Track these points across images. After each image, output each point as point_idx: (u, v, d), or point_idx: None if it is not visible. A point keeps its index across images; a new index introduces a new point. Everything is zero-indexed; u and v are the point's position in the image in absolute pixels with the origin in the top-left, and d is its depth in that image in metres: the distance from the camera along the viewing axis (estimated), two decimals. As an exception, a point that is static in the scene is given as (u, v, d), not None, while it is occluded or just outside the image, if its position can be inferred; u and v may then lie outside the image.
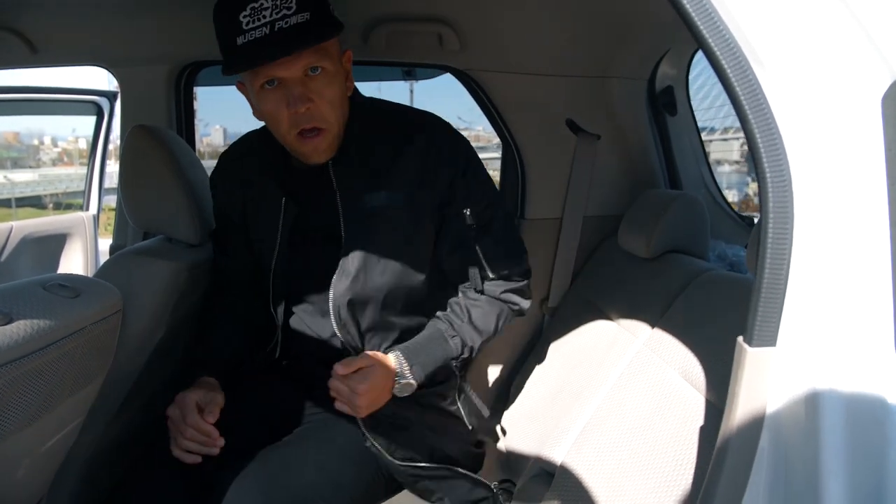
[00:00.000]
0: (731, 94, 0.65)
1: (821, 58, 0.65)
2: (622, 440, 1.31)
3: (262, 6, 1.23)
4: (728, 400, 0.71)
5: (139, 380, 1.59)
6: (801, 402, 0.67)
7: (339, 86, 1.36)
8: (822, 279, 0.66)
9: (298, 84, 1.29)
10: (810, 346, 0.67)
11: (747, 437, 0.68)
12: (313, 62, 1.29)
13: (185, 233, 1.62)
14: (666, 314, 1.47)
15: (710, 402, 1.16)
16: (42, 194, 21.45)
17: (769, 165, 0.64)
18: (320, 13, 1.27)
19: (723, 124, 15.35)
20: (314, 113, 1.32)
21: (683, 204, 1.69)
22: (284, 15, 1.22)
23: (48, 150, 36.85)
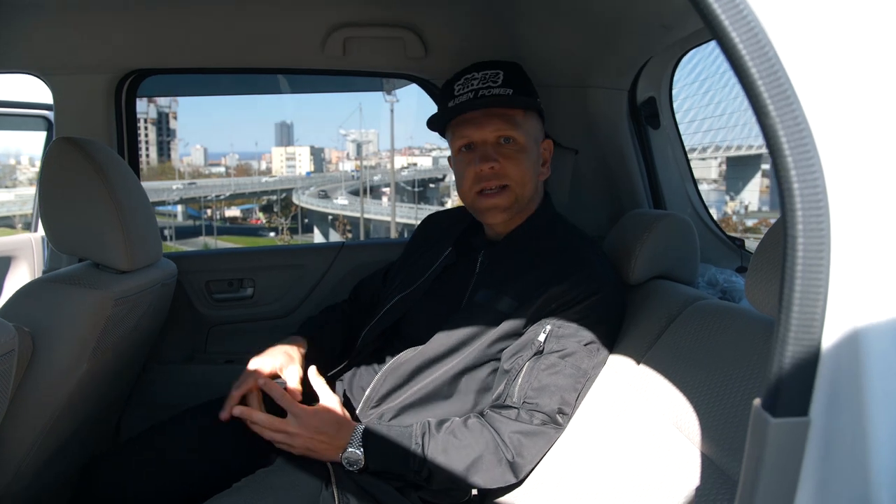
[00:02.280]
0: (742, 74, 0.48)
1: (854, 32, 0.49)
2: (604, 493, 1.14)
3: (473, 77, 1.47)
4: (744, 474, 0.53)
5: (57, 422, 1.41)
6: (841, 485, 0.50)
7: (530, 161, 1.47)
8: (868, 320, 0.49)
9: (489, 147, 1.45)
10: (851, 413, 0.50)
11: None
12: (504, 131, 1.45)
13: (113, 259, 1.46)
14: (652, 349, 1.31)
15: (707, 457, 0.99)
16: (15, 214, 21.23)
17: (796, 164, 0.47)
18: (523, 93, 1.46)
19: (701, 142, 15.86)
20: (499, 172, 1.45)
21: (670, 225, 1.53)
22: (490, 86, 1.44)
23: (25, 169, 36.97)
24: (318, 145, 66.64)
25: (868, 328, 0.50)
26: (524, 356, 1.37)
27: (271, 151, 64.93)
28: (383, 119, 75.71)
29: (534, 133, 1.50)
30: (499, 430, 1.34)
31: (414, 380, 1.45)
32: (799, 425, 0.49)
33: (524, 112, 1.47)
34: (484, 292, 1.47)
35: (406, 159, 56.96)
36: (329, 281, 2.14)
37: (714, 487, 0.94)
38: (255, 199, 49.41)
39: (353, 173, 53.79)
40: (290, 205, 46.99)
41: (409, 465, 1.32)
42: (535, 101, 1.49)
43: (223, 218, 48.01)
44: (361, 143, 58.82)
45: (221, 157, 64.27)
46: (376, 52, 1.88)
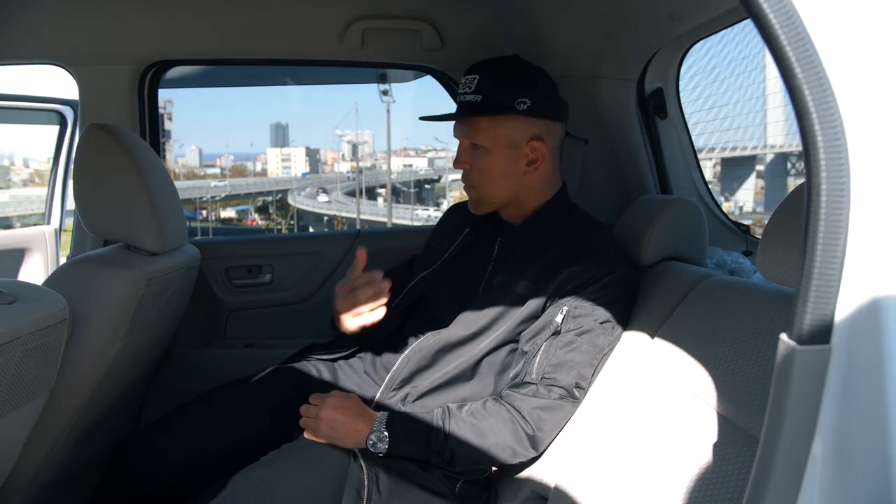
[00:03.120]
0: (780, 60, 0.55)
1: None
2: (623, 462, 1.19)
3: (464, 84, 1.57)
4: (771, 405, 0.60)
5: (92, 399, 1.46)
6: (860, 407, 0.57)
7: (495, 163, 1.55)
8: (882, 262, 0.56)
9: (462, 149, 1.59)
10: (869, 342, 0.56)
11: (798, 447, 0.57)
12: (469, 137, 1.56)
13: (144, 241, 1.51)
14: (666, 324, 1.37)
15: (724, 416, 1.05)
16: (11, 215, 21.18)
17: (823, 133, 0.54)
18: (496, 97, 1.52)
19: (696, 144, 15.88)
20: (467, 172, 1.59)
21: (679, 209, 1.60)
22: (465, 93, 1.55)
23: (19, 171, 36.37)
24: (313, 146, 66.47)
25: (884, 265, 0.56)
26: (542, 336, 1.43)
27: (266, 152, 64.69)
28: (379, 120, 75.71)
29: (506, 136, 1.53)
30: (519, 407, 1.40)
31: (438, 363, 1.51)
32: (822, 352, 0.56)
33: (491, 118, 1.52)
34: (501, 276, 1.54)
35: (402, 160, 56.91)
36: (345, 267, 2.19)
37: (732, 444, 1.00)
38: (250, 201, 49.28)
39: (348, 174, 53.69)
40: (287, 206, 46.88)
41: (431, 449, 1.38)
42: (506, 105, 1.51)
43: (218, 219, 47.92)
44: (357, 144, 58.77)
45: (217, 158, 64.06)
46: (393, 44, 1.94)
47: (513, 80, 1.54)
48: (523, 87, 1.53)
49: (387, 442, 1.38)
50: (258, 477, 1.32)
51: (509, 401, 1.42)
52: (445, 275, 1.65)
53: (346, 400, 1.45)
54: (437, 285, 1.65)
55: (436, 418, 1.40)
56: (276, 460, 1.39)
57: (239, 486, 1.30)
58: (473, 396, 1.48)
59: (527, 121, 1.53)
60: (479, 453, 1.38)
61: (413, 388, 1.51)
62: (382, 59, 2.03)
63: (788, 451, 0.58)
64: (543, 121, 1.55)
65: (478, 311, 1.51)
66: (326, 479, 1.35)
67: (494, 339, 1.49)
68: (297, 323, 2.20)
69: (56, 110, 3.17)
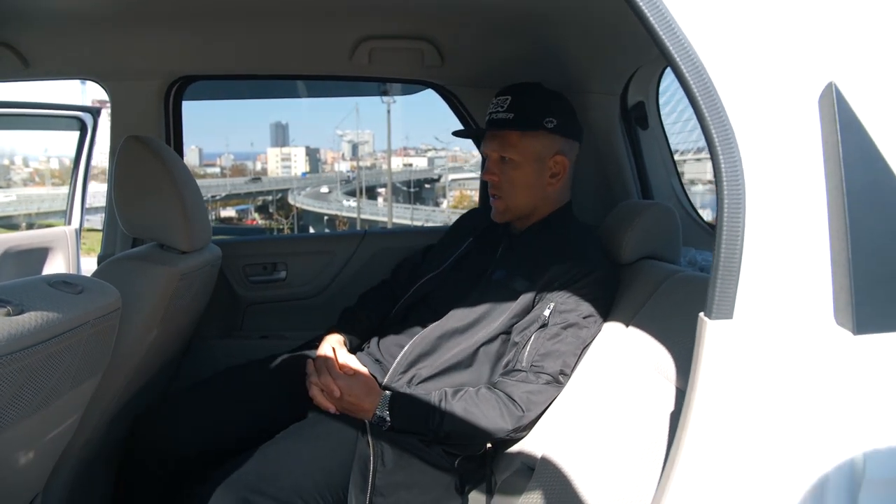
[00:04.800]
0: (689, 94, 0.74)
1: (768, 61, 0.75)
2: (599, 431, 1.38)
3: (495, 103, 1.73)
4: (691, 371, 0.79)
5: (130, 381, 1.64)
6: (754, 370, 0.76)
7: (523, 176, 1.74)
8: (772, 257, 0.75)
9: (492, 162, 1.77)
10: (763, 317, 0.76)
11: (709, 404, 0.77)
12: (501, 150, 1.73)
13: (177, 240, 1.67)
14: (639, 313, 1.55)
15: (680, 389, 1.24)
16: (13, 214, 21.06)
17: (724, 157, 0.73)
18: (526, 116, 1.70)
19: (695, 146, 15.17)
20: (496, 183, 1.76)
21: (656, 213, 1.78)
22: (498, 111, 1.72)
23: (19, 170, 35.77)
24: (313, 146, 66.40)
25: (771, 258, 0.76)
26: (532, 329, 1.59)
27: (267, 152, 64.55)
28: (379, 120, 75.69)
29: (534, 150, 1.72)
30: (510, 393, 1.56)
31: (439, 349, 1.67)
32: (726, 324, 0.76)
33: (521, 133, 1.70)
34: (500, 272, 1.72)
35: (402, 160, 56.91)
36: (354, 265, 2.38)
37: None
38: (250, 200, 49.22)
39: (348, 174, 53.64)
40: (288, 205, 46.82)
41: (429, 427, 1.54)
42: (536, 123, 1.70)
43: (218, 218, 47.80)
44: (357, 144, 58.77)
45: (217, 158, 63.94)
46: (398, 61, 2.12)
47: (541, 102, 1.73)
48: (550, 108, 1.72)
49: (389, 417, 1.55)
50: (274, 452, 1.49)
51: (502, 387, 1.58)
52: (450, 273, 1.83)
53: (360, 374, 1.64)
54: (442, 283, 1.82)
55: (434, 400, 1.56)
56: (290, 437, 1.55)
57: (257, 461, 1.45)
58: (471, 383, 1.64)
59: (552, 138, 1.72)
60: (472, 431, 1.55)
61: (418, 370, 1.66)
62: (387, 75, 2.20)
63: (700, 405, 0.78)
64: (566, 139, 1.75)
65: (476, 304, 1.68)
66: (337, 452, 1.51)
67: (490, 330, 1.64)
68: (310, 316, 2.38)
69: (77, 117, 3.33)
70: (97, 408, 1.52)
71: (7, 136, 23.74)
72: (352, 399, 1.57)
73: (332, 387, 1.58)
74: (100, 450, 1.69)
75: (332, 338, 1.83)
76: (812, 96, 0.75)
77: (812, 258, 0.75)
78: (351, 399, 1.57)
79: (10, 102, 3.12)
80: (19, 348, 1.00)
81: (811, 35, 0.75)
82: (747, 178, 0.74)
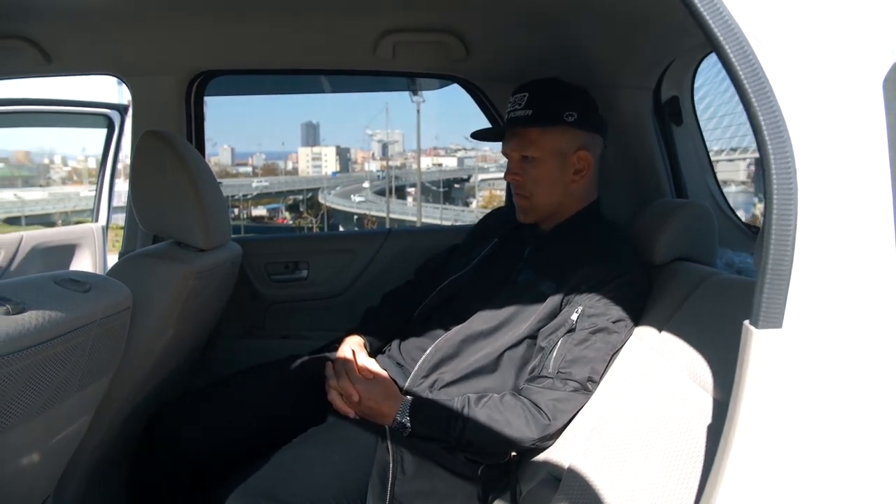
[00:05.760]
0: (733, 76, 0.66)
1: (823, 40, 0.66)
2: (629, 443, 1.30)
3: (513, 101, 1.68)
4: (735, 383, 0.71)
5: (144, 383, 1.60)
6: (806, 384, 0.68)
7: (546, 173, 1.67)
8: (827, 260, 0.67)
9: (513, 161, 1.72)
10: (816, 326, 0.67)
11: (755, 419, 0.69)
12: (521, 149, 1.68)
13: (194, 238, 1.64)
14: (673, 318, 1.47)
15: (718, 400, 1.16)
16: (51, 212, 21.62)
17: (773, 147, 0.65)
18: (545, 111, 1.64)
19: (729, 145, 15.09)
20: (520, 183, 1.71)
21: (691, 212, 1.70)
22: (515, 109, 1.66)
23: (58, 168, 36.91)
24: (343, 145, 66.85)
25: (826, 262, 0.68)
26: (559, 333, 1.52)
27: (298, 151, 65.16)
28: (409, 120, 76.03)
29: (556, 146, 1.65)
30: (536, 400, 1.50)
31: (462, 353, 1.61)
32: (774, 334, 0.67)
33: (541, 130, 1.65)
34: (527, 273, 1.66)
35: (431, 160, 57.01)
36: (377, 264, 2.33)
37: (723, 424, 1.11)
38: (280, 199, 49.77)
39: (378, 173, 53.94)
40: (318, 204, 47.23)
41: (451, 434, 1.48)
42: (555, 117, 1.64)
43: (250, 217, 48.40)
44: (387, 144, 59.00)
45: (248, 157, 64.71)
46: (422, 55, 2.06)
47: (560, 96, 1.67)
48: (570, 101, 1.66)
49: (410, 423, 1.50)
50: (291, 457, 1.44)
51: (527, 394, 1.52)
52: (474, 275, 1.77)
53: (379, 378, 1.60)
54: (466, 287, 1.76)
55: (456, 406, 1.51)
56: (308, 441, 1.51)
57: (273, 466, 1.42)
58: (494, 388, 1.58)
59: (574, 132, 1.66)
60: (496, 440, 1.49)
61: (440, 374, 1.61)
62: (412, 69, 2.15)
63: (746, 421, 0.70)
64: (588, 133, 1.68)
65: (501, 307, 1.62)
66: (355, 459, 1.47)
67: (515, 333, 1.58)
68: (331, 316, 2.34)
69: (104, 114, 3.34)
70: (110, 408, 1.50)
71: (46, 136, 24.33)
72: (371, 404, 1.53)
73: (350, 391, 1.55)
74: (113, 451, 1.66)
75: (351, 340, 1.78)
76: (876, 79, 0.66)
77: (873, 260, 0.67)
78: (370, 404, 1.53)
79: (38, 99, 3.13)
80: (19, 348, 0.95)
81: (874, 9, 0.66)
82: (800, 171, 0.66)
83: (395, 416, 1.51)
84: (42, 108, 3.20)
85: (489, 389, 1.58)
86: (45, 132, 27.42)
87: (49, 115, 3.31)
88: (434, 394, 1.59)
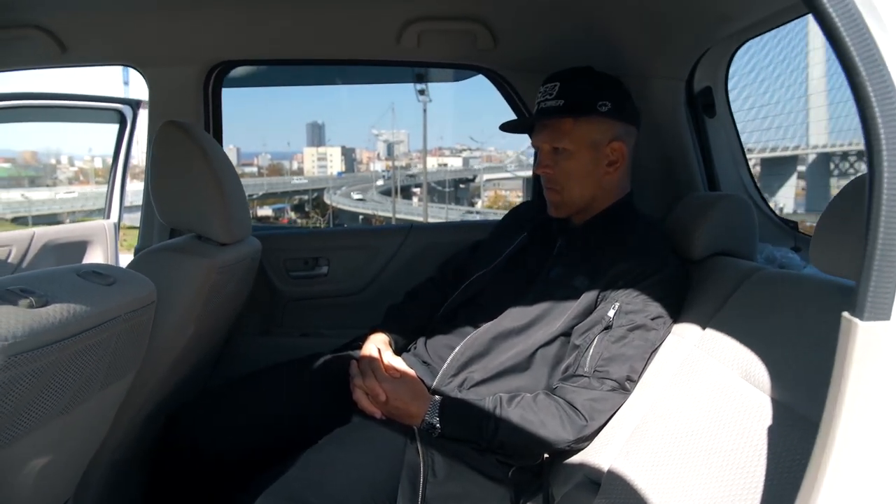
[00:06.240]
0: (835, 40, 0.60)
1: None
2: (676, 445, 1.24)
3: (543, 91, 1.63)
4: (834, 381, 0.65)
5: (165, 380, 1.55)
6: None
7: (579, 165, 1.61)
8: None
9: (544, 153, 1.65)
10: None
11: (861, 420, 0.62)
12: (552, 141, 1.61)
13: (215, 231, 1.59)
14: (718, 315, 1.40)
15: (778, 401, 1.09)
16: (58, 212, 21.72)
17: (883, 121, 0.59)
18: (577, 101, 1.58)
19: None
20: (550, 176, 1.64)
21: (731, 205, 1.64)
22: (546, 99, 1.61)
23: (65, 169, 37.13)
24: (349, 145, 66.83)
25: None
26: (595, 331, 1.47)
27: (303, 151, 65.15)
28: (414, 119, 76.06)
29: (589, 137, 1.59)
30: (572, 400, 1.45)
31: (493, 351, 1.56)
32: (883, 326, 0.61)
33: (574, 120, 1.58)
34: (559, 269, 1.60)
35: (436, 160, 56.97)
36: (399, 260, 2.27)
37: (790, 428, 1.03)
38: (286, 199, 49.86)
39: (383, 173, 53.93)
40: (324, 204, 47.31)
41: (482, 435, 1.44)
42: (589, 107, 1.58)
43: (256, 217, 48.56)
44: (393, 144, 58.97)
45: (254, 157, 64.74)
46: (448, 45, 2.00)
47: (593, 85, 1.61)
48: (603, 91, 1.60)
49: (439, 424, 1.45)
50: (318, 459, 1.38)
51: (562, 394, 1.47)
52: (503, 271, 1.71)
53: (407, 377, 1.56)
54: (493, 283, 1.71)
55: (488, 406, 1.46)
56: (335, 443, 1.44)
57: (301, 468, 1.35)
58: (527, 388, 1.53)
59: (608, 122, 1.60)
60: (529, 441, 1.44)
61: (470, 373, 1.56)
62: (437, 59, 2.09)
63: (848, 427, 0.63)
64: (622, 123, 1.62)
65: (533, 304, 1.56)
66: (383, 460, 1.40)
67: (549, 331, 1.53)
68: (352, 314, 2.28)
69: (116, 109, 3.30)
70: (130, 408, 1.45)
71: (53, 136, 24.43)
72: (398, 404, 1.49)
73: (377, 390, 1.50)
74: (132, 452, 1.61)
75: (376, 337, 1.73)
76: None
77: None
78: (397, 404, 1.49)
79: (50, 94, 3.09)
80: (42, 344, 0.90)
81: None
82: None
83: (423, 416, 1.46)
84: (54, 103, 3.17)
85: (520, 389, 1.53)
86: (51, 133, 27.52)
87: (61, 109, 3.28)
88: (463, 393, 1.54)
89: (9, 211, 20.63)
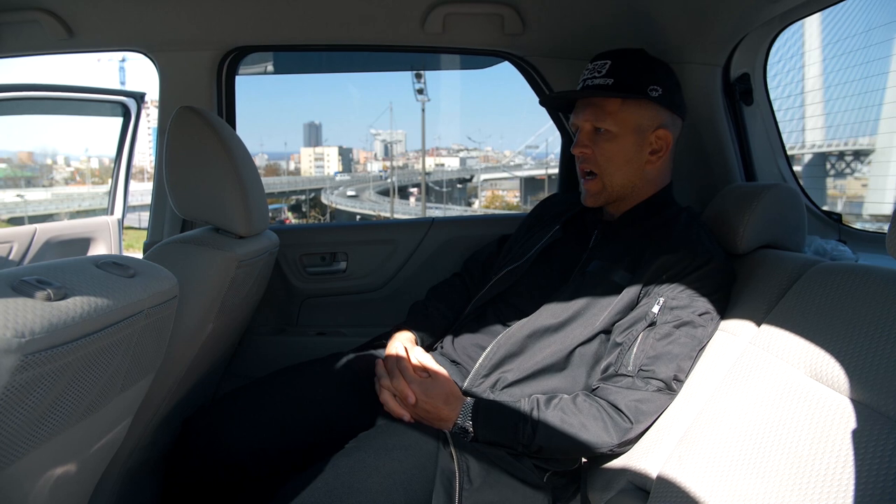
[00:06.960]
0: None
1: None
2: (740, 448, 1.15)
3: (588, 67, 1.56)
4: None
5: (183, 380, 1.47)
6: None
7: (621, 149, 1.53)
8: None
9: (584, 133, 1.55)
10: None
11: None
12: (596, 120, 1.52)
13: (233, 223, 1.51)
14: (774, 310, 1.32)
15: (859, 402, 1.01)
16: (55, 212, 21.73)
17: None
18: (628, 82, 1.50)
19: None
20: (589, 157, 1.55)
21: (779, 195, 1.55)
22: (594, 76, 1.53)
23: (61, 169, 37.33)
24: (346, 145, 66.67)
25: None
26: (638, 328, 1.40)
27: (300, 152, 64.97)
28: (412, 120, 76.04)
29: (635, 121, 1.52)
30: (615, 401, 1.38)
31: (528, 350, 1.49)
32: None
33: (621, 102, 1.51)
34: (596, 263, 1.52)
35: (434, 160, 56.84)
36: (420, 255, 2.18)
37: (871, 428, 0.96)
38: (283, 199, 49.77)
39: (381, 173, 53.82)
40: (321, 204, 47.21)
41: (518, 439, 1.37)
42: (639, 89, 1.51)
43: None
44: (391, 143, 58.83)
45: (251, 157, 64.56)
46: (474, 29, 1.91)
47: (645, 68, 1.53)
48: (656, 75, 1.53)
49: (472, 428, 1.38)
50: (347, 465, 1.28)
51: (604, 395, 1.39)
52: (535, 266, 1.63)
53: (438, 377, 1.47)
54: (525, 276, 1.63)
55: (524, 408, 1.38)
56: (363, 448, 1.34)
57: (330, 475, 1.26)
58: (563, 388, 1.46)
59: (656, 109, 1.52)
60: (570, 446, 1.37)
61: (503, 373, 1.48)
62: (463, 45, 2.00)
63: None
64: (670, 112, 1.54)
65: (570, 298, 1.49)
66: (417, 466, 1.31)
67: (588, 328, 1.46)
68: (372, 312, 2.19)
69: (120, 102, 3.23)
70: (146, 411, 1.37)
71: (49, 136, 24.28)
72: (428, 406, 1.41)
73: (406, 392, 1.43)
74: (147, 458, 1.53)
75: (402, 335, 1.65)
76: None
77: None
78: (427, 406, 1.41)
79: (53, 85, 3.02)
80: (62, 341, 0.80)
81: None
82: None
83: (455, 419, 1.39)
84: (57, 95, 3.09)
85: (556, 390, 1.46)
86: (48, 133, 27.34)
87: (64, 102, 3.20)
88: (496, 394, 1.47)
89: (4, 212, 20.54)
